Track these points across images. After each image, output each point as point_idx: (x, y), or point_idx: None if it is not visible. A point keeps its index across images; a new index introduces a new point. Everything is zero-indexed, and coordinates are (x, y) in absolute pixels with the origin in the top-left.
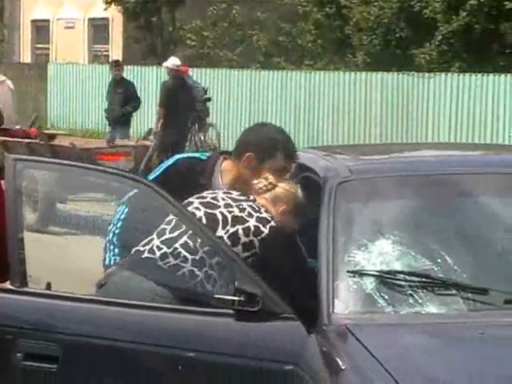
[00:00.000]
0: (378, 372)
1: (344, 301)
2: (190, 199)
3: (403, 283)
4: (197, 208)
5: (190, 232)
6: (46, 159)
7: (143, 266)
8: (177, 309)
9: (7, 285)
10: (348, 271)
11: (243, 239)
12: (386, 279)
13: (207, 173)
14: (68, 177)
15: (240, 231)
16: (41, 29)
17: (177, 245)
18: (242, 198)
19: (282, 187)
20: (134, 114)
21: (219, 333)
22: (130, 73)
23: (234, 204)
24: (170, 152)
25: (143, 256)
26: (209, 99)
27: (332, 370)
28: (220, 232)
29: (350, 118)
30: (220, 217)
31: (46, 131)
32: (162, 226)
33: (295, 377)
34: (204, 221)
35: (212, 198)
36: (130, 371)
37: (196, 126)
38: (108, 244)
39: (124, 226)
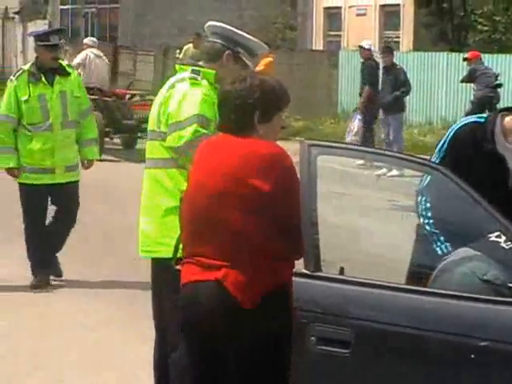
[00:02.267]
0: None
1: None
2: None
3: None
4: None
5: None
6: (342, 145)
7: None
8: (469, 297)
9: (301, 269)
10: None
11: None
12: None
13: (488, 135)
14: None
15: None
16: (333, 16)
17: None
18: None
19: None
20: (406, 99)
21: None
22: (418, 59)
23: None
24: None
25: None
26: (500, 85)
27: None
28: None
29: None
30: None
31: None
32: None
33: None
34: None
35: None
36: (422, 359)
37: (487, 111)
38: (431, 236)
39: (434, 213)
